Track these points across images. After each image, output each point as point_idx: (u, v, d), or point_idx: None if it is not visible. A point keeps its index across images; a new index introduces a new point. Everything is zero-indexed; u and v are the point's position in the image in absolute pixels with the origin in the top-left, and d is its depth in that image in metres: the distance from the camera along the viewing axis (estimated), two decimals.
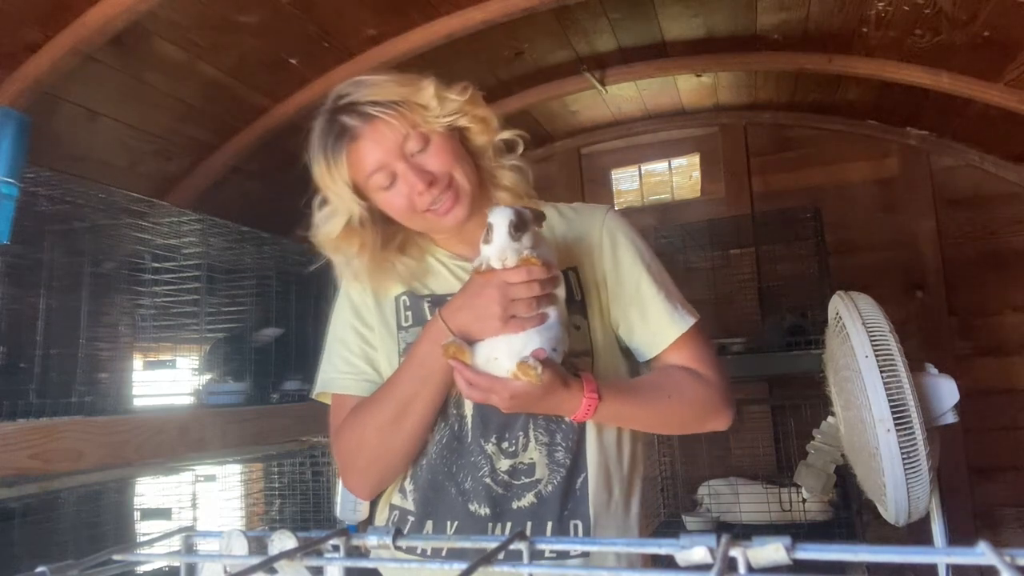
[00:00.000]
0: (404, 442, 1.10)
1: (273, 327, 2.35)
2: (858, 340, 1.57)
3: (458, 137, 1.16)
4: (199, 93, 2.27)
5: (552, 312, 1.02)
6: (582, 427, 1.11)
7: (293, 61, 2.27)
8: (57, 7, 1.76)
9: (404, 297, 1.18)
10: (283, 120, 2.46)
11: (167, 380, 2.28)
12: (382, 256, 1.17)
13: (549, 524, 1.09)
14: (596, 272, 1.19)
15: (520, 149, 1.21)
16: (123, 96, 2.13)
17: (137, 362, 2.29)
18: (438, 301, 1.15)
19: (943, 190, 2.98)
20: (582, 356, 1.12)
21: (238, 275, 2.34)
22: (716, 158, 3.29)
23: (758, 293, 3.02)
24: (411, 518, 1.13)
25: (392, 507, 1.17)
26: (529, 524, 1.08)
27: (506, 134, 1.19)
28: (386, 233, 1.18)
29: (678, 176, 3.41)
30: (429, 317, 1.14)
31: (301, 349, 2.40)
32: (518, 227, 0.98)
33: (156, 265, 2.10)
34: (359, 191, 1.12)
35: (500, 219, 0.98)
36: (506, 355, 0.99)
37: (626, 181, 3.47)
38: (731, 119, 3.25)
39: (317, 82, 2.38)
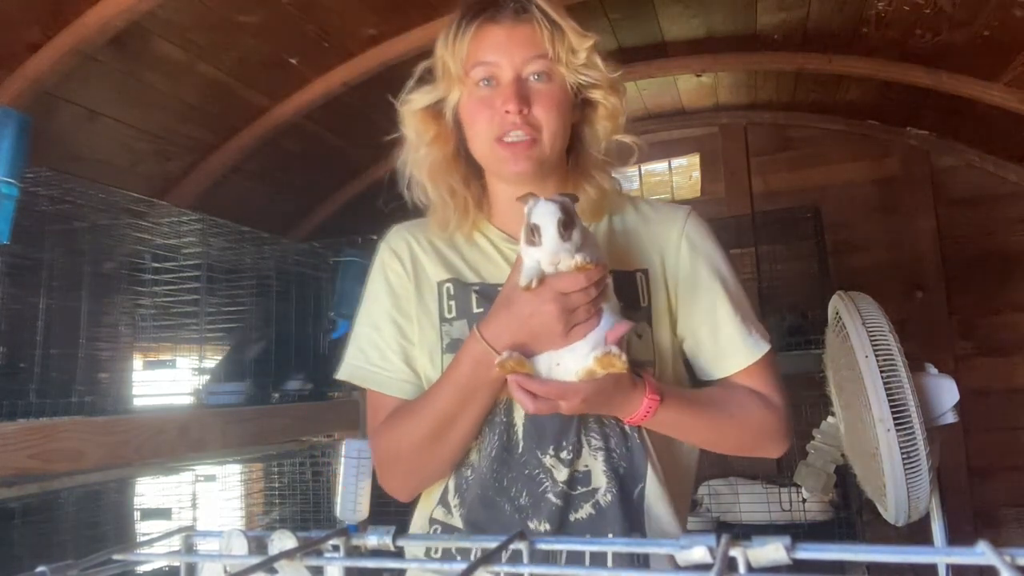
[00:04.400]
0: (445, 457, 1.04)
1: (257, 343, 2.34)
2: (858, 340, 1.57)
3: (578, 110, 1.08)
4: (199, 93, 2.27)
5: (605, 306, 0.94)
6: (638, 434, 1.02)
7: (293, 61, 2.27)
8: (57, 7, 1.76)
9: (448, 285, 1.09)
10: (283, 120, 2.46)
11: (167, 380, 2.28)
12: (448, 171, 1.09)
13: (611, 538, 1.01)
14: (668, 278, 1.09)
15: (632, 161, 1.13)
16: (123, 96, 2.13)
17: (137, 362, 2.29)
18: (486, 292, 1.07)
19: (943, 190, 2.99)
20: (645, 365, 1.02)
21: (238, 275, 2.34)
22: (716, 158, 3.29)
23: (758, 293, 3.02)
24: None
25: (433, 521, 1.07)
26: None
27: (628, 138, 1.10)
28: (459, 162, 1.11)
29: (678, 176, 3.41)
30: (475, 309, 1.07)
31: (301, 349, 2.40)
32: (567, 224, 0.87)
33: (156, 265, 2.09)
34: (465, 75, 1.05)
35: (547, 219, 0.87)
36: (571, 359, 0.92)
37: (626, 181, 3.46)
38: (731, 119, 3.25)
39: (317, 82, 2.38)
